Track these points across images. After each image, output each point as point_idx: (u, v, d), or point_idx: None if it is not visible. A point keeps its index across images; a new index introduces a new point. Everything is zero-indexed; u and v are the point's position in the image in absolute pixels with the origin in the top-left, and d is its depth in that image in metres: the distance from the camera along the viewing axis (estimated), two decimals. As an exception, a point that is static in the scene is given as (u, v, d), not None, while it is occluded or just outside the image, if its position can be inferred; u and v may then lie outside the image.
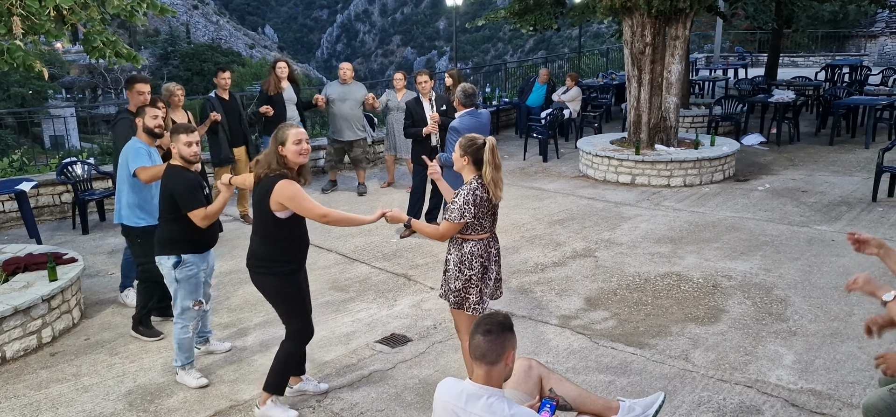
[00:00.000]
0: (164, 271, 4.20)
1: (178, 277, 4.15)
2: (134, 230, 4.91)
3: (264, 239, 3.71)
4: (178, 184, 4.03)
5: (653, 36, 9.34)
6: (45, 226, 7.98)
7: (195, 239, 4.15)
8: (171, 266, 4.14)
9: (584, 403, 3.22)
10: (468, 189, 3.63)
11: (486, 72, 21.24)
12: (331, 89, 8.76)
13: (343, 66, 8.93)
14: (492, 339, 2.53)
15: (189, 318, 4.24)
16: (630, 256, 6.45)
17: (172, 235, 4.13)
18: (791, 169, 9.81)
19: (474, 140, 3.67)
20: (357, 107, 8.75)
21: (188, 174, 4.11)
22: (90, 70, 59.02)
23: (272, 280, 3.75)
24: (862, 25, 27.52)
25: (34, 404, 4.18)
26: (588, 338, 4.83)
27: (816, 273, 5.88)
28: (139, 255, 4.96)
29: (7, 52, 4.97)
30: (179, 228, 4.10)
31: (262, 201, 3.61)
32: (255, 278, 3.80)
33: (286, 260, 3.74)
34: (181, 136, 4.12)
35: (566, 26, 18.04)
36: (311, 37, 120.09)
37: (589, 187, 9.19)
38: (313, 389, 4.17)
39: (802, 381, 4.15)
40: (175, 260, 4.13)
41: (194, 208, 4.03)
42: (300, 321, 3.86)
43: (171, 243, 4.13)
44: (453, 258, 3.75)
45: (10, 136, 18.54)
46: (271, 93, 8.16)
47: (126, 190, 4.86)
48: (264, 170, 3.62)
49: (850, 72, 18.04)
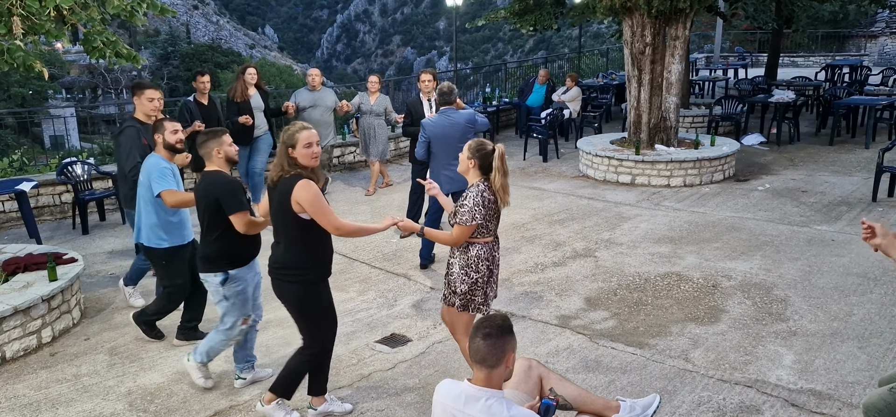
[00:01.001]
0: (210, 289, 3.96)
1: (227, 294, 3.93)
2: (157, 252, 4.62)
3: (289, 244, 3.57)
4: (221, 186, 3.80)
5: (653, 36, 9.34)
6: (45, 226, 7.98)
7: (241, 251, 3.93)
8: (219, 283, 3.90)
9: (585, 403, 3.22)
10: (476, 192, 3.62)
11: (486, 72, 21.25)
12: (301, 96, 8.55)
13: (312, 72, 8.79)
14: (492, 342, 2.53)
15: (234, 334, 4.06)
16: (630, 256, 6.45)
17: (218, 251, 3.87)
18: (791, 169, 9.81)
19: (484, 145, 3.68)
20: (328, 114, 8.61)
21: (228, 176, 3.91)
22: (90, 70, 58.99)
23: (297, 288, 3.60)
24: (862, 25, 27.52)
25: (34, 404, 4.18)
26: (588, 338, 4.83)
27: (816, 273, 5.88)
28: (164, 278, 4.74)
29: (7, 52, 4.98)
30: (224, 242, 3.85)
31: (283, 204, 3.48)
32: (278, 287, 3.65)
33: (313, 265, 3.61)
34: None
35: (566, 26, 18.04)
36: (311, 37, 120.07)
37: (589, 187, 9.19)
38: (339, 410, 3.96)
39: (802, 381, 4.15)
40: (222, 276, 3.88)
41: (239, 210, 3.78)
42: (320, 339, 3.72)
43: (217, 259, 3.88)
44: (458, 261, 3.72)
45: (10, 136, 18.55)
46: (238, 100, 7.90)
47: (149, 210, 4.57)
48: (278, 173, 3.51)
49: (850, 72, 18.04)
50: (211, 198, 3.78)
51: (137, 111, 5.27)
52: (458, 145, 5.89)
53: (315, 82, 8.62)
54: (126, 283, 5.63)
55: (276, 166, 3.54)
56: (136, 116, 5.27)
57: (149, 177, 4.48)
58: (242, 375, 4.29)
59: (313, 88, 8.59)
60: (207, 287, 3.98)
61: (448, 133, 5.91)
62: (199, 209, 3.88)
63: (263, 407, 3.85)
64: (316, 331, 3.72)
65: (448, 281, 3.79)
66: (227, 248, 3.88)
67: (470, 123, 6.01)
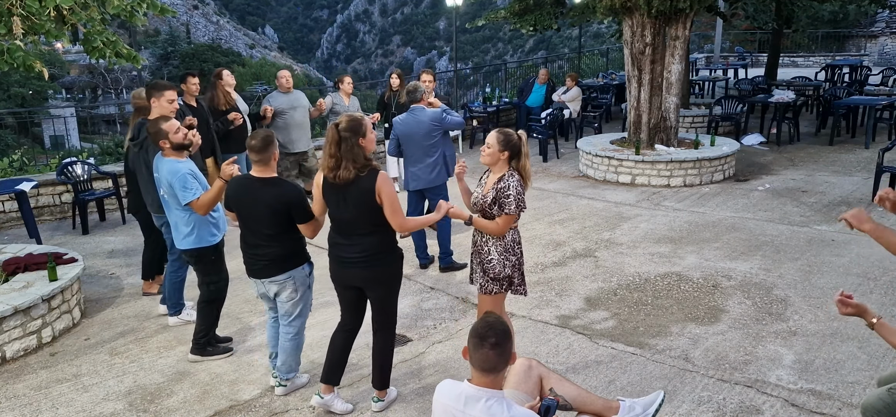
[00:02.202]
0: (297, 283, 3.94)
1: (310, 283, 4.04)
2: (207, 250, 4.49)
3: (377, 231, 3.63)
4: (294, 196, 3.80)
5: (653, 36, 9.34)
6: (45, 226, 7.99)
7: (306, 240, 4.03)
8: (307, 273, 4.00)
9: (585, 403, 3.22)
10: (515, 181, 3.72)
11: (486, 72, 21.24)
12: (277, 100, 8.11)
13: (282, 74, 8.37)
14: (501, 351, 2.51)
15: (305, 321, 4.14)
16: (630, 256, 6.45)
17: (295, 247, 3.91)
18: (791, 169, 9.81)
19: (510, 135, 3.79)
20: (306, 115, 8.33)
21: (297, 186, 3.94)
22: (90, 70, 59.04)
23: (397, 267, 3.76)
24: (862, 25, 27.52)
25: (34, 404, 4.18)
26: (588, 338, 4.83)
27: (816, 273, 5.88)
28: (211, 273, 4.56)
29: (7, 52, 4.98)
30: (297, 238, 3.91)
31: (367, 197, 3.54)
32: (373, 274, 3.69)
33: (397, 245, 3.78)
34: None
35: (566, 26, 18.03)
36: (311, 37, 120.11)
37: (589, 187, 9.19)
38: (341, 408, 3.97)
39: (802, 381, 4.15)
40: (308, 266, 4.00)
41: (310, 219, 3.83)
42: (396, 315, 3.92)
43: (297, 254, 3.93)
44: (497, 248, 3.81)
45: (10, 136, 18.57)
46: (223, 108, 7.46)
47: (186, 216, 4.42)
48: (354, 169, 3.49)
49: (850, 72, 18.04)
50: (281, 206, 3.76)
51: (155, 112, 4.90)
52: (422, 144, 5.98)
53: (288, 84, 8.26)
54: (173, 312, 5.26)
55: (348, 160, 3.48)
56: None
57: (172, 187, 4.34)
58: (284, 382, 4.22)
59: (286, 91, 8.22)
60: (293, 282, 3.92)
61: (413, 131, 6.00)
62: (256, 214, 3.80)
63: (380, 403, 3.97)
64: (396, 311, 3.89)
65: (485, 270, 3.86)
66: (302, 242, 3.96)
67: (435, 122, 5.99)
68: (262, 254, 3.86)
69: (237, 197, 3.89)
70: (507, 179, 3.71)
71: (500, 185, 3.71)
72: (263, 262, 3.87)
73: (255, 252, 3.89)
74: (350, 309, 3.91)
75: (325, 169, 3.58)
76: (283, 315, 4.04)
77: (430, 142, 5.98)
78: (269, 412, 4.03)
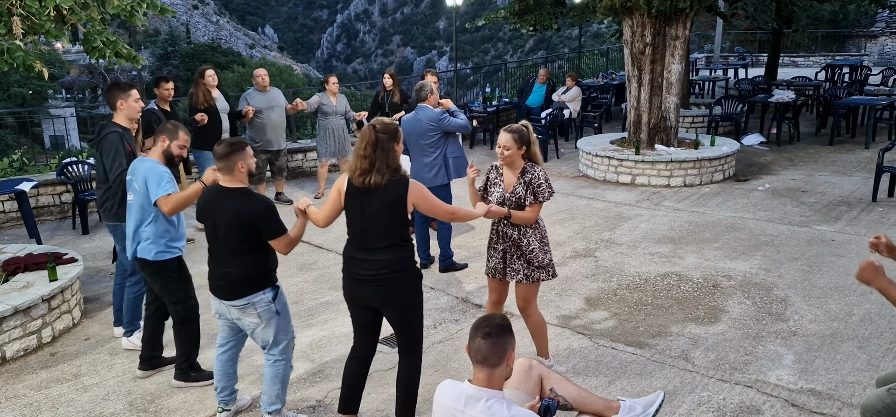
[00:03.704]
0: (260, 310, 3.57)
1: (278, 309, 3.64)
2: (169, 264, 4.11)
3: (397, 244, 3.41)
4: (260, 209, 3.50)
5: (653, 36, 9.34)
6: (45, 226, 7.99)
7: (276, 261, 3.71)
8: (271, 300, 3.60)
9: (585, 403, 3.22)
10: (539, 170, 3.93)
11: (486, 72, 21.24)
12: (255, 99, 8.12)
13: (259, 73, 8.32)
14: (493, 342, 2.52)
15: (290, 350, 3.76)
16: (630, 256, 6.45)
17: (261, 268, 3.58)
18: (791, 169, 9.81)
19: (520, 129, 3.90)
20: (282, 115, 8.36)
21: (264, 197, 3.62)
22: (90, 70, 59.04)
23: (414, 286, 3.48)
24: (862, 25, 27.53)
25: (34, 404, 4.18)
26: (588, 338, 4.83)
27: (816, 273, 5.87)
28: (176, 292, 4.16)
29: (7, 52, 4.98)
30: (265, 258, 3.58)
31: (398, 204, 3.35)
32: (393, 292, 3.43)
33: (415, 264, 3.54)
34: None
35: (566, 26, 18.04)
36: (311, 37, 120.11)
37: (589, 187, 9.19)
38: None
39: (802, 381, 4.15)
40: (272, 291, 3.61)
41: (280, 234, 3.53)
42: (421, 341, 3.59)
43: (262, 276, 3.58)
44: (535, 236, 3.99)
45: (10, 136, 18.55)
46: (201, 107, 7.39)
47: (151, 219, 4.06)
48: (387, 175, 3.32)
49: (850, 72, 18.04)
50: (245, 219, 3.46)
51: (119, 115, 4.64)
52: (419, 143, 6.02)
53: (265, 83, 8.24)
54: (128, 332, 4.89)
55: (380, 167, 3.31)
56: (116, 121, 4.63)
57: (146, 183, 4.00)
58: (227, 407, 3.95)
59: (263, 89, 8.22)
60: (255, 309, 3.58)
61: (412, 130, 6.03)
62: (220, 229, 3.51)
63: None
64: (419, 334, 3.59)
65: (530, 261, 4.00)
66: (269, 262, 3.63)
67: (432, 123, 5.98)
68: (222, 273, 3.56)
69: (204, 206, 3.62)
70: (531, 170, 3.92)
71: (527, 178, 3.91)
72: (223, 282, 3.57)
73: (217, 268, 3.60)
74: (363, 332, 3.66)
75: (356, 171, 3.35)
76: (260, 344, 3.71)
77: (427, 142, 5.98)
78: (269, 412, 4.02)
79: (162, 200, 3.94)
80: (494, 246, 4.11)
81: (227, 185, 3.54)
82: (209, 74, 7.62)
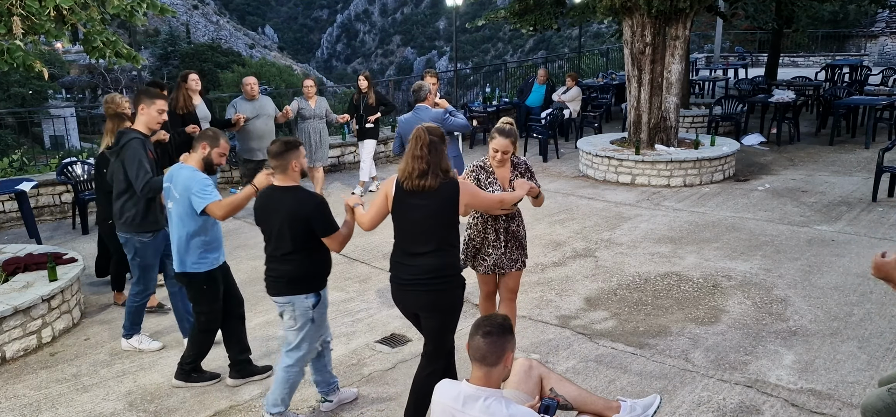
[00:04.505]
0: (297, 312, 3.60)
1: (314, 317, 3.65)
2: (199, 276, 4.09)
3: (444, 248, 3.36)
4: (314, 207, 3.50)
5: (653, 36, 9.34)
6: (45, 226, 7.99)
7: (328, 268, 3.69)
8: (310, 306, 3.61)
9: (585, 403, 3.22)
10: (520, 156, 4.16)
11: (486, 72, 21.23)
12: (242, 107, 7.92)
13: (248, 81, 8.11)
14: (492, 340, 2.53)
15: (307, 360, 3.77)
16: (630, 256, 6.45)
17: (310, 271, 3.58)
18: (791, 169, 9.81)
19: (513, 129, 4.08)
20: (270, 123, 8.09)
21: (317, 195, 3.60)
22: (90, 70, 59.03)
23: (457, 295, 3.43)
24: (862, 25, 27.52)
25: (34, 404, 4.18)
26: (588, 338, 4.83)
27: (816, 273, 5.87)
28: (202, 304, 4.17)
29: (7, 52, 4.98)
30: (315, 261, 3.59)
31: (450, 206, 3.33)
32: (434, 298, 3.37)
33: (460, 272, 3.49)
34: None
35: (566, 26, 18.04)
36: (311, 37, 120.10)
37: (589, 187, 9.19)
38: None
39: (802, 381, 4.15)
40: (315, 298, 3.61)
41: (333, 231, 3.52)
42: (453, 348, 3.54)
43: (309, 280, 3.59)
44: (521, 224, 4.21)
45: (10, 136, 18.55)
46: (181, 112, 7.14)
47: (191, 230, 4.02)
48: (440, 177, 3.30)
49: (850, 72, 18.04)
50: (300, 217, 3.47)
51: (138, 120, 4.61)
52: None
53: (254, 91, 8.01)
54: (129, 334, 4.86)
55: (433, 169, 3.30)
56: (136, 128, 4.60)
57: (188, 192, 3.95)
58: (327, 398, 4.01)
59: (252, 97, 7.98)
60: (294, 311, 3.61)
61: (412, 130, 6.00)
62: (274, 226, 3.53)
63: None
64: (452, 344, 3.53)
65: (523, 246, 4.21)
66: (320, 267, 3.63)
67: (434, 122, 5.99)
68: (273, 269, 3.63)
69: (262, 206, 3.63)
70: (517, 159, 4.14)
71: (520, 168, 4.14)
72: (273, 277, 3.64)
73: (270, 265, 3.66)
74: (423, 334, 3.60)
75: (410, 173, 3.31)
76: (283, 342, 3.76)
77: None
78: (269, 412, 4.02)
79: (213, 207, 3.92)
80: (494, 245, 4.11)
81: (281, 184, 3.57)
82: (192, 79, 7.38)
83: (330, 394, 3.98)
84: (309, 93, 8.51)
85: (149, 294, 4.85)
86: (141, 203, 4.53)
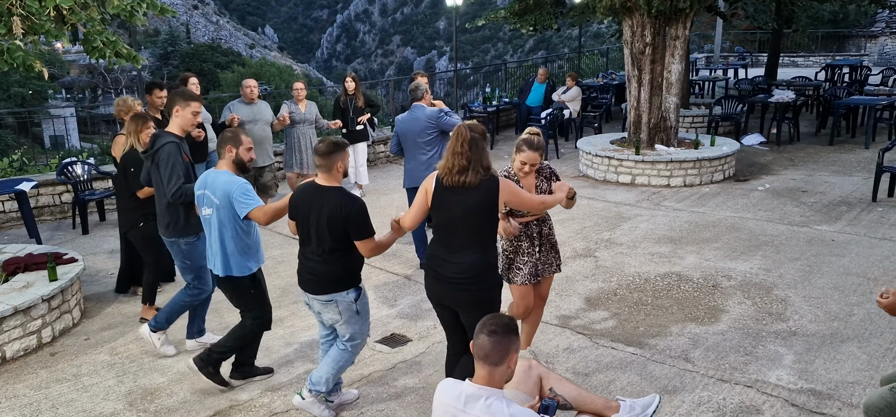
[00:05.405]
0: (342, 307, 3.66)
1: (358, 309, 3.71)
2: (244, 280, 4.07)
3: (487, 246, 3.39)
4: (356, 210, 3.50)
5: (653, 36, 9.35)
6: (45, 226, 7.99)
7: (362, 262, 3.74)
8: (353, 300, 3.67)
9: (585, 403, 3.22)
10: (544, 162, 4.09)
11: (486, 72, 21.24)
12: (238, 110, 7.67)
13: (248, 83, 7.85)
14: (496, 340, 2.52)
15: (360, 346, 3.85)
16: (630, 256, 6.45)
17: (347, 268, 3.63)
18: (791, 169, 9.81)
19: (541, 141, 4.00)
20: (267, 129, 7.86)
21: (359, 199, 3.59)
22: (90, 70, 59.08)
23: (494, 293, 3.45)
24: (862, 25, 27.52)
25: (34, 404, 4.18)
26: (588, 338, 4.83)
27: (816, 273, 5.88)
28: (253, 308, 4.15)
29: (7, 52, 4.98)
30: (351, 259, 3.61)
31: (491, 202, 3.32)
32: (472, 296, 3.38)
33: (497, 269, 3.53)
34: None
35: (566, 26, 18.03)
36: (311, 37, 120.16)
37: (589, 187, 9.19)
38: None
39: (802, 381, 4.15)
40: (355, 293, 3.68)
41: (369, 236, 3.55)
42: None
43: (348, 277, 3.64)
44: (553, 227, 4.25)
45: (10, 136, 18.59)
46: None
47: (234, 235, 3.97)
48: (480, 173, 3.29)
49: (850, 72, 18.04)
50: (339, 218, 3.48)
51: (173, 123, 4.49)
52: (417, 141, 6.05)
53: (253, 94, 7.76)
54: (156, 328, 4.70)
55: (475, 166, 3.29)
56: (170, 130, 4.49)
57: (229, 198, 3.88)
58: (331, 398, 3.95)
59: (250, 101, 7.73)
60: (334, 308, 3.67)
61: (410, 129, 6.08)
62: (313, 226, 3.54)
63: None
64: None
65: (556, 249, 4.26)
66: (356, 264, 3.67)
67: (432, 120, 6.02)
68: (310, 268, 3.64)
69: (299, 201, 3.63)
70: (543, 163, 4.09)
71: (545, 173, 4.14)
72: (311, 277, 3.65)
73: (306, 264, 3.67)
74: (451, 329, 3.62)
75: (452, 170, 3.29)
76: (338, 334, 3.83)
77: (424, 140, 6.03)
78: (269, 412, 4.02)
79: (257, 212, 3.89)
80: (529, 252, 4.09)
81: (324, 184, 3.58)
82: (192, 82, 7.19)
83: (331, 395, 3.98)
84: (299, 96, 8.20)
85: (206, 295, 4.71)
86: (179, 207, 4.45)
